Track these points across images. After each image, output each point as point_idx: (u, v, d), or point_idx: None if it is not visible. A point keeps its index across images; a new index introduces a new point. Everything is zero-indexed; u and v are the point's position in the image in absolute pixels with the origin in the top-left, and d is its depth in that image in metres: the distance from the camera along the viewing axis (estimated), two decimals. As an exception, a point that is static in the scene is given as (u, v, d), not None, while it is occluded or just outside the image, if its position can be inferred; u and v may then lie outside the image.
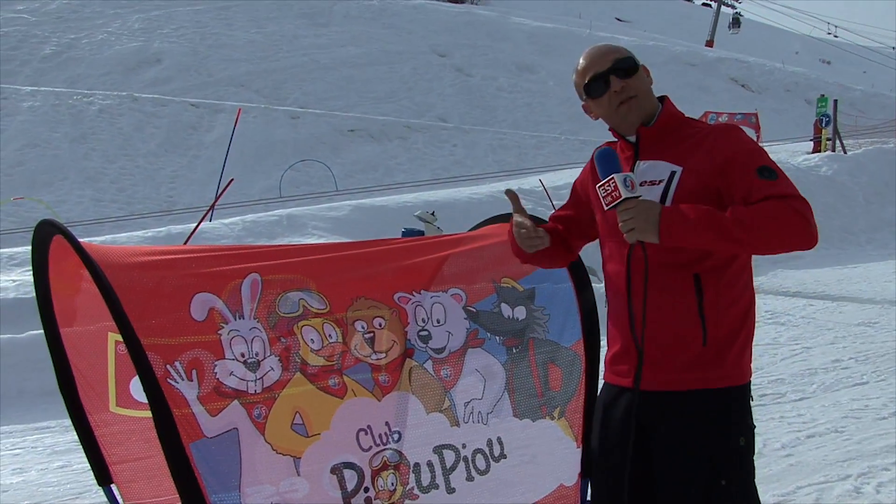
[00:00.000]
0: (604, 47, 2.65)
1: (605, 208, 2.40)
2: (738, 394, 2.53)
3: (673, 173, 2.50)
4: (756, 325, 2.65)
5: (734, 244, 2.36)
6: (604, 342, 2.75)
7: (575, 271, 3.04)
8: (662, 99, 2.66)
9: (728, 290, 2.50)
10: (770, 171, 2.41)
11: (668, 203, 2.47)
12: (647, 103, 2.59)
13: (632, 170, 2.56)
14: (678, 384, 2.49)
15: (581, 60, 2.68)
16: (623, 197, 2.35)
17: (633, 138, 2.60)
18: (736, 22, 72.87)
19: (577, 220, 2.77)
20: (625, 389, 2.57)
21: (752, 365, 2.63)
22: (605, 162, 2.42)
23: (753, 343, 2.63)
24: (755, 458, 2.60)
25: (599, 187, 2.41)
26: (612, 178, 2.36)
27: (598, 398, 2.70)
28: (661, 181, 2.50)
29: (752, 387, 2.62)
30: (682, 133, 2.58)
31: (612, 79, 2.57)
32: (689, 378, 2.49)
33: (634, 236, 2.37)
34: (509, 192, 2.69)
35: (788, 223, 2.34)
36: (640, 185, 2.48)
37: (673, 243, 2.37)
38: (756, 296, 2.66)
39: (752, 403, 2.59)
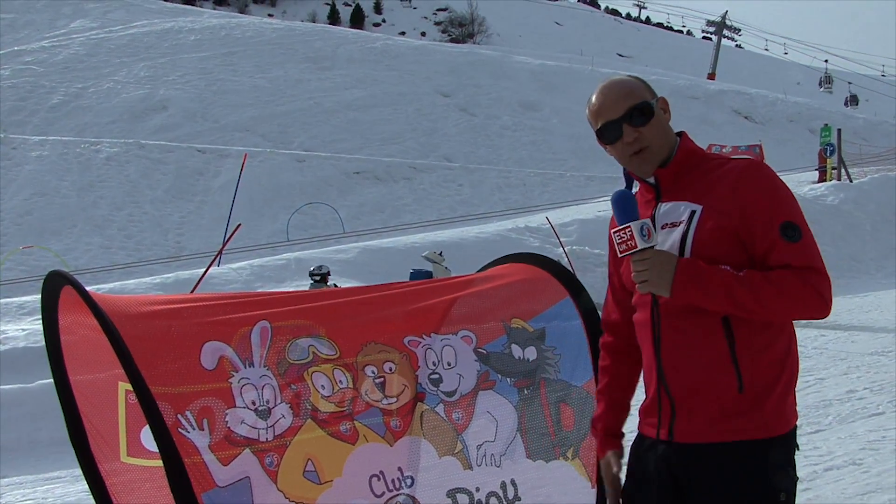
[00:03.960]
0: (618, 88, 2.47)
1: (619, 255, 2.33)
2: (779, 444, 2.37)
3: (693, 212, 2.38)
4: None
5: (745, 312, 2.30)
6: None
7: (584, 308, 3.03)
8: (680, 134, 2.53)
9: (762, 333, 2.37)
10: (794, 228, 2.31)
11: (688, 243, 2.37)
12: (662, 149, 2.46)
13: (654, 213, 2.44)
14: (713, 435, 2.35)
15: (594, 98, 2.49)
16: (638, 247, 2.28)
17: (652, 180, 2.48)
18: (854, 100, 71.32)
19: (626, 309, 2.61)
20: (656, 441, 2.44)
21: None
22: (621, 207, 2.33)
23: None
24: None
25: (615, 233, 2.33)
26: (629, 225, 2.29)
27: (630, 450, 2.57)
28: (681, 222, 2.39)
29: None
30: (702, 169, 2.45)
31: (625, 128, 2.43)
32: (725, 428, 2.35)
33: (646, 288, 2.32)
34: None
35: (802, 300, 2.29)
36: (662, 227, 2.40)
37: (684, 301, 2.31)
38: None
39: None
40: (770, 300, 2.27)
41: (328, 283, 11.06)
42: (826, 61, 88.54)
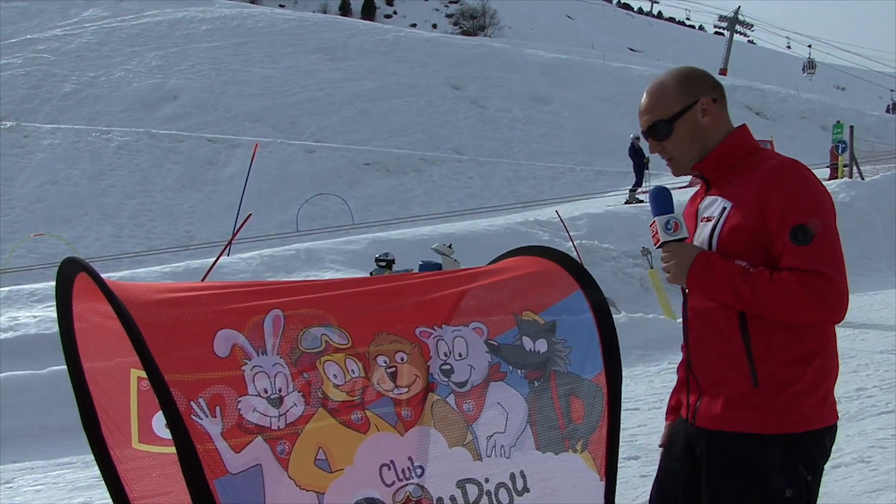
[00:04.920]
0: (649, 97, 2.57)
1: (655, 247, 2.51)
2: (791, 441, 2.42)
3: (724, 209, 2.47)
4: None
5: (748, 308, 2.38)
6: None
7: (594, 302, 3.03)
8: (739, 126, 2.60)
9: (782, 331, 2.41)
10: (804, 232, 2.33)
11: (715, 238, 2.46)
12: (688, 157, 2.55)
13: (699, 204, 2.60)
14: (725, 424, 2.46)
15: (642, 96, 2.66)
16: (661, 241, 2.45)
17: (698, 172, 2.61)
18: (811, 64, 72.57)
19: None
20: (684, 422, 2.62)
21: None
22: (654, 202, 2.51)
23: None
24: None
25: (650, 226, 2.51)
26: (655, 220, 2.47)
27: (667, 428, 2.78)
28: (713, 217, 2.49)
29: None
30: (744, 165, 2.51)
31: (649, 140, 2.58)
32: (736, 418, 2.45)
33: (670, 279, 2.49)
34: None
35: (801, 304, 2.32)
36: (702, 220, 2.53)
37: (698, 292, 2.46)
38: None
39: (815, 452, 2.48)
40: (770, 299, 2.32)
41: (392, 270, 11.15)
42: (810, 46, 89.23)
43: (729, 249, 2.42)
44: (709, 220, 2.51)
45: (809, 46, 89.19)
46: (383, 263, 11.36)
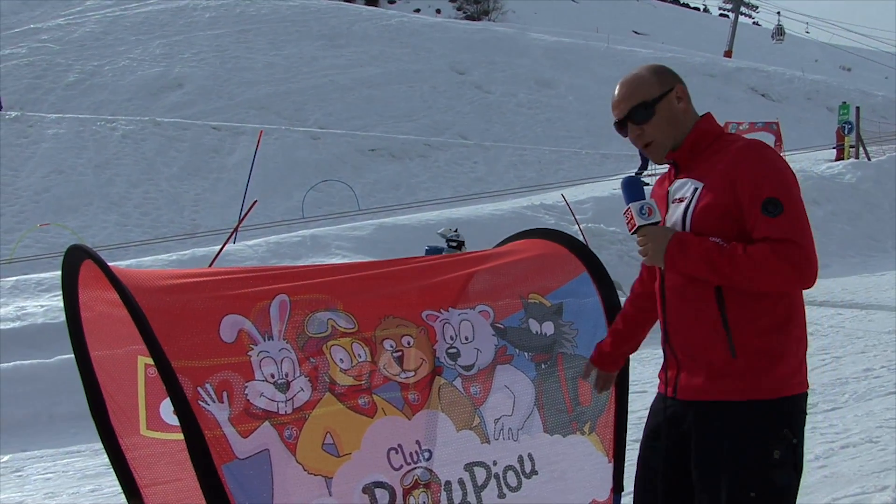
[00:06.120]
0: (625, 87, 2.71)
1: (630, 233, 2.60)
2: (774, 406, 2.54)
3: (696, 189, 2.61)
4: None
5: (727, 280, 2.51)
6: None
7: (602, 285, 3.03)
8: (705, 115, 2.74)
9: (756, 302, 2.54)
10: (775, 204, 2.47)
11: (688, 217, 2.60)
12: (667, 140, 2.69)
13: (670, 188, 2.72)
14: (707, 394, 2.57)
15: (614, 91, 2.76)
16: (637, 225, 2.57)
17: (671, 160, 2.73)
18: (780, 31, 73.02)
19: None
20: (665, 397, 2.70)
21: None
22: (626, 190, 2.65)
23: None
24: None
25: (624, 213, 2.62)
26: (629, 207, 2.59)
27: (650, 407, 2.83)
28: (685, 198, 2.63)
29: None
30: (713, 148, 2.66)
31: (629, 125, 2.69)
32: (718, 388, 2.56)
33: (647, 261, 2.61)
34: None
35: (775, 271, 2.44)
36: (673, 202, 2.66)
37: (676, 271, 2.57)
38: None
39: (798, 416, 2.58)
40: (746, 269, 2.46)
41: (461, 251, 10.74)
42: (778, 13, 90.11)
43: (702, 227, 2.56)
44: (681, 200, 2.64)
45: (778, 14, 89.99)
46: (454, 244, 10.52)
